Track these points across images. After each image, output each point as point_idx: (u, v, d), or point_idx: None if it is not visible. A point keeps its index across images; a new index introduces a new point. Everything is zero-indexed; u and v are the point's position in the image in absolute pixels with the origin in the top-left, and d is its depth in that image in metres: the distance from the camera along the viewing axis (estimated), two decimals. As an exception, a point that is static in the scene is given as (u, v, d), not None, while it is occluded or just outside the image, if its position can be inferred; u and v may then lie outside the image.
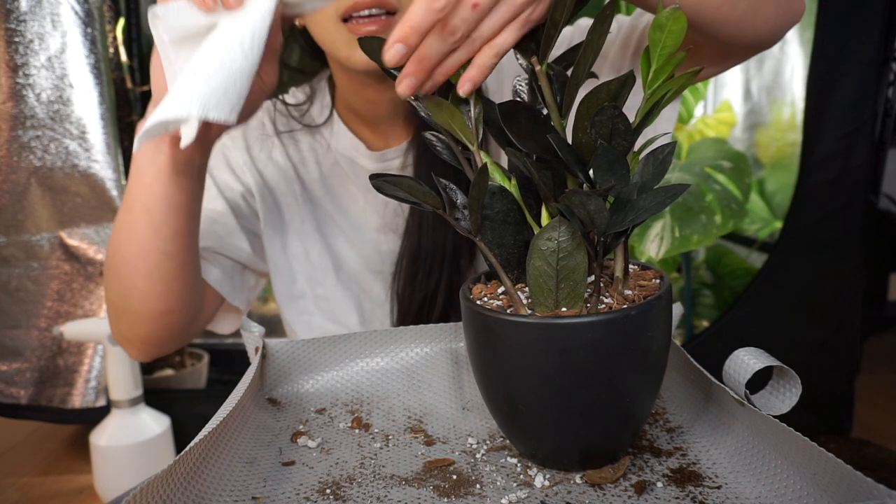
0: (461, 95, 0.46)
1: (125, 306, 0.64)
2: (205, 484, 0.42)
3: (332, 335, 0.61)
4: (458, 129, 0.46)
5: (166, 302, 0.63)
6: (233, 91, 0.44)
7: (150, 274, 0.60)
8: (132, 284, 0.62)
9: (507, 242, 0.48)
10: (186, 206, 0.59)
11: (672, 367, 0.55)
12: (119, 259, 0.62)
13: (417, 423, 0.53)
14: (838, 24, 1.27)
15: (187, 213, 0.59)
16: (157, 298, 0.62)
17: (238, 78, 0.44)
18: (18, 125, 1.33)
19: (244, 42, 0.45)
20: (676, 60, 0.42)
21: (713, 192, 1.41)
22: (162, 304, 0.63)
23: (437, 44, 0.45)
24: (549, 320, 0.40)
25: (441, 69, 0.46)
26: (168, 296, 0.62)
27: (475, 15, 0.44)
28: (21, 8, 1.29)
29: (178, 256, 0.61)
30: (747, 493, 0.40)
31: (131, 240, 0.60)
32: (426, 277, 0.78)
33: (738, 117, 2.00)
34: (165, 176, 0.56)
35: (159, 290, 0.62)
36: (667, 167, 0.44)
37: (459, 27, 0.44)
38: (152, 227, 0.58)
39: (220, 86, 0.43)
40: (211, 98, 0.43)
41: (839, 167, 1.31)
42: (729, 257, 1.83)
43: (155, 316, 0.63)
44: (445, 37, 0.44)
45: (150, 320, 0.64)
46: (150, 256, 0.60)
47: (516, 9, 0.44)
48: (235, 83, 0.44)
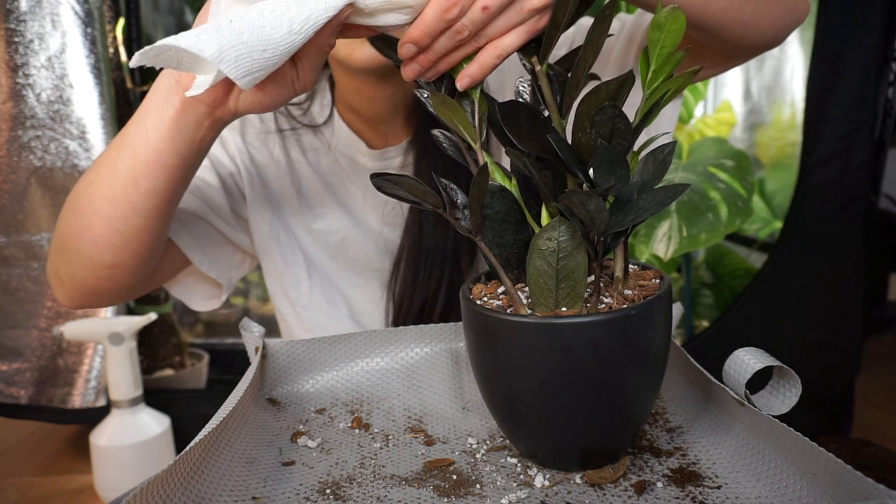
0: (459, 89, 0.47)
1: (73, 246, 0.60)
2: (205, 484, 0.42)
3: (331, 335, 0.61)
4: (462, 126, 0.47)
5: (117, 256, 0.60)
6: (259, 58, 0.41)
7: (110, 222, 0.58)
8: (88, 225, 0.58)
9: (507, 242, 0.48)
10: (175, 169, 0.56)
11: (672, 367, 0.55)
12: (86, 195, 0.59)
13: (417, 423, 0.53)
14: (838, 24, 1.27)
15: (172, 177, 0.56)
16: (109, 249, 0.59)
17: (270, 48, 0.41)
18: (18, 125, 1.33)
19: (294, 20, 0.42)
20: (675, 60, 0.42)
21: (718, 190, 1.41)
22: (111, 257, 0.60)
23: (445, 40, 0.46)
24: (549, 320, 0.40)
25: (444, 60, 0.47)
26: (121, 251, 0.59)
27: (484, 17, 0.44)
28: (21, 8, 1.29)
29: (146, 216, 0.58)
30: (747, 493, 0.40)
31: (106, 179, 0.57)
32: (427, 278, 0.78)
33: (738, 117, 2.00)
34: (165, 128, 0.53)
35: (114, 242, 0.59)
36: (667, 167, 0.44)
37: (467, 27, 0.45)
38: (132, 176, 0.56)
39: (248, 45, 0.40)
40: (231, 51, 0.40)
41: (839, 167, 1.31)
42: (729, 257, 1.83)
43: (99, 266, 0.60)
44: (452, 34, 0.45)
45: (92, 268, 0.61)
46: (118, 204, 0.57)
47: (524, 15, 0.45)
48: (265, 52, 0.41)
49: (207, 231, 0.76)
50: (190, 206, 0.73)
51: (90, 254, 0.60)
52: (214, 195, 0.77)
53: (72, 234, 0.60)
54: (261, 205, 0.81)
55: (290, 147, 0.82)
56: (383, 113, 0.78)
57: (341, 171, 0.82)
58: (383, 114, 0.78)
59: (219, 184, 0.77)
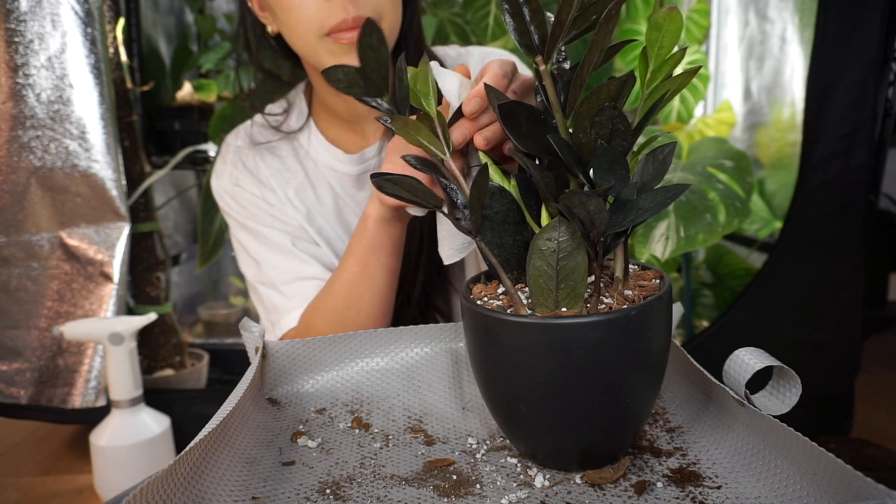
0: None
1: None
2: (205, 484, 0.42)
3: (331, 335, 0.61)
4: (427, 141, 0.47)
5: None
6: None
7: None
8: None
9: (506, 242, 0.48)
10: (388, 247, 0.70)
11: (672, 367, 0.55)
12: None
13: (417, 423, 0.53)
14: (838, 24, 1.27)
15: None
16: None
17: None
18: (18, 125, 1.33)
19: None
20: (674, 60, 0.42)
21: (716, 190, 1.41)
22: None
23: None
24: (550, 320, 0.40)
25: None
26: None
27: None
28: (21, 8, 1.29)
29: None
30: (747, 493, 0.40)
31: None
32: (405, 259, 0.79)
33: (738, 117, 2.00)
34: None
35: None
36: (667, 167, 0.44)
37: None
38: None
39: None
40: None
41: (839, 167, 1.31)
42: (729, 257, 1.83)
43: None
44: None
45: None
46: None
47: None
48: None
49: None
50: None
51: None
52: (305, 244, 0.85)
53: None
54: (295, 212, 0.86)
55: (269, 161, 0.86)
56: (361, 112, 0.81)
57: (321, 176, 0.85)
58: (361, 112, 0.81)
59: (291, 238, 0.84)
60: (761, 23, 1.94)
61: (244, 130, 0.88)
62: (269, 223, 0.83)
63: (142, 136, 1.65)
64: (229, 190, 0.85)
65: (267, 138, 0.85)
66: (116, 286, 1.41)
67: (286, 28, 0.72)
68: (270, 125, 0.85)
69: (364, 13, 0.68)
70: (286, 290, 0.80)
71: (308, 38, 0.70)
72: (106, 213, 1.39)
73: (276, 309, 0.80)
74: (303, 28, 0.70)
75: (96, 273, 1.40)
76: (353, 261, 0.71)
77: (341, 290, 0.73)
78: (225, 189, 0.85)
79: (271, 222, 0.83)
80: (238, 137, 0.87)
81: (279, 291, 0.81)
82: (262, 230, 0.83)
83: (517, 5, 0.43)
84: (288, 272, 0.81)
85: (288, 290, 0.80)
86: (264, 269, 0.82)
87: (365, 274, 0.71)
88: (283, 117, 0.86)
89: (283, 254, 0.81)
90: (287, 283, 0.80)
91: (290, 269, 0.81)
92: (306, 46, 0.72)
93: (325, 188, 0.85)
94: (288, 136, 0.86)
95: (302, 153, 0.85)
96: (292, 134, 0.85)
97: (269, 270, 0.81)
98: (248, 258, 0.84)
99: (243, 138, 0.87)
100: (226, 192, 0.85)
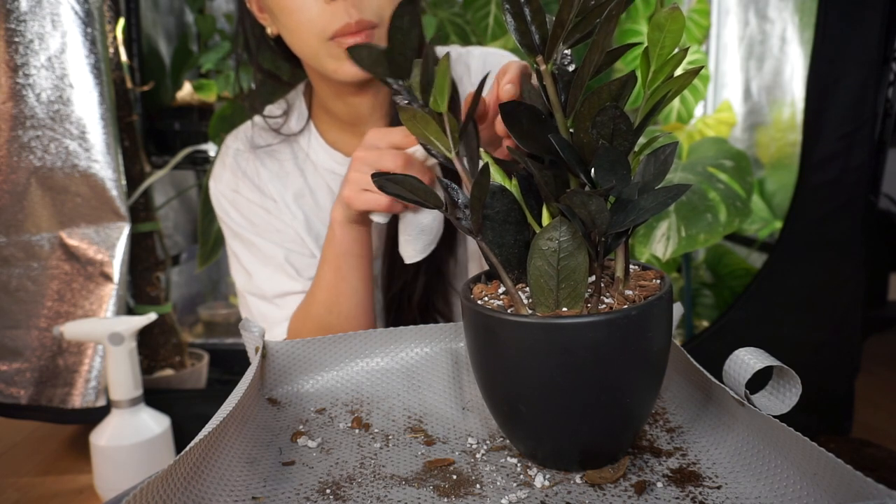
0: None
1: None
2: (205, 484, 0.42)
3: (331, 335, 0.61)
4: (434, 137, 0.47)
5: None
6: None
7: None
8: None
9: (507, 242, 0.48)
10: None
11: (672, 367, 0.55)
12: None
13: (417, 423, 0.53)
14: (838, 24, 1.26)
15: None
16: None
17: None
18: (18, 125, 1.33)
19: None
20: (676, 60, 0.42)
21: (716, 190, 1.41)
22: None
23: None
24: (550, 320, 0.40)
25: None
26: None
27: None
28: (21, 8, 1.29)
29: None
30: (747, 493, 0.40)
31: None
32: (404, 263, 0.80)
33: (738, 117, 2.00)
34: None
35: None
36: (668, 167, 0.44)
37: None
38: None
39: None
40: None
41: (839, 167, 1.31)
42: (729, 257, 1.83)
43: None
44: None
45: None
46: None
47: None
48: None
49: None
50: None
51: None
52: (301, 252, 0.86)
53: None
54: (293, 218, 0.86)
55: (269, 164, 0.86)
56: (363, 114, 0.81)
57: (321, 179, 0.85)
58: (363, 115, 0.81)
59: (283, 248, 0.84)
60: (761, 23, 1.94)
61: (244, 132, 0.88)
62: (264, 233, 0.83)
63: (142, 136, 1.65)
64: (228, 196, 0.85)
65: (267, 141, 0.85)
66: (116, 286, 1.41)
67: (287, 31, 0.72)
68: (270, 128, 0.85)
69: (366, 17, 0.68)
70: (277, 301, 0.82)
71: (311, 41, 0.70)
72: (106, 213, 1.39)
73: (265, 319, 0.82)
74: (305, 32, 0.70)
75: (96, 273, 1.40)
76: (328, 267, 0.72)
77: (321, 295, 0.74)
78: (223, 195, 0.85)
79: (267, 232, 0.83)
80: (237, 140, 0.87)
81: (270, 302, 0.82)
82: (257, 241, 0.83)
83: (518, 5, 0.43)
84: (278, 287, 0.82)
85: (279, 301, 0.82)
86: (255, 281, 0.83)
87: (339, 277, 0.72)
88: (283, 119, 0.86)
89: (274, 268, 0.82)
90: (278, 297, 0.82)
91: (280, 284, 0.82)
92: (308, 50, 0.71)
93: (325, 192, 0.85)
94: (287, 139, 0.85)
95: (301, 156, 0.85)
96: (292, 137, 0.85)
97: (260, 283, 0.83)
98: (239, 267, 0.85)
99: (243, 141, 0.87)
100: (224, 197, 0.85)
